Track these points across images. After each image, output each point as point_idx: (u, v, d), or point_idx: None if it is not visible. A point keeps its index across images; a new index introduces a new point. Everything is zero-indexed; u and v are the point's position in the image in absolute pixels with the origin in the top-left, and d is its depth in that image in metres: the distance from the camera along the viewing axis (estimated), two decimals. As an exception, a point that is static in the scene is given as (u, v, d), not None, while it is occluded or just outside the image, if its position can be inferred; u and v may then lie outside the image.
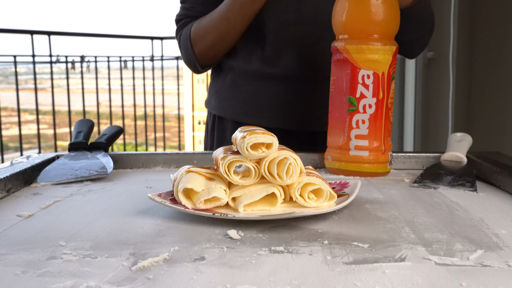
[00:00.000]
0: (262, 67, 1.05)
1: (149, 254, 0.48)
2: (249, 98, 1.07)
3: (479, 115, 2.65)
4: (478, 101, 2.66)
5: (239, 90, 1.08)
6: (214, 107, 1.13)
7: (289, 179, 0.59)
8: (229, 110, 1.09)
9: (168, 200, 0.61)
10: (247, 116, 1.07)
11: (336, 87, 0.87)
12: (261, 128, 0.62)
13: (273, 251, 0.48)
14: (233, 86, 1.09)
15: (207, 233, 0.54)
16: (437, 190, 0.75)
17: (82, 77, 3.70)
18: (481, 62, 2.63)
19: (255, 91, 1.06)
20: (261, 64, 1.05)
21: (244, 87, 1.08)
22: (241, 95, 1.08)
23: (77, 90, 3.88)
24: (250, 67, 1.06)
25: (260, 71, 1.05)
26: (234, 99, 1.08)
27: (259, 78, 1.06)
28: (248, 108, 1.07)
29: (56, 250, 0.49)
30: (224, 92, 1.10)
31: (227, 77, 1.10)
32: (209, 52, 1.06)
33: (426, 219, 0.60)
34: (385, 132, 0.86)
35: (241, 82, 1.08)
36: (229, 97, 1.09)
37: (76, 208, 0.65)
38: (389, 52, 0.83)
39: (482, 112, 2.63)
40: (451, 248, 0.49)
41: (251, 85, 1.07)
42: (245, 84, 1.07)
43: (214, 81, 1.15)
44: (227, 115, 1.10)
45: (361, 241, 0.51)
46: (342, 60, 0.84)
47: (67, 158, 0.89)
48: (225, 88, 1.10)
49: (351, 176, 0.86)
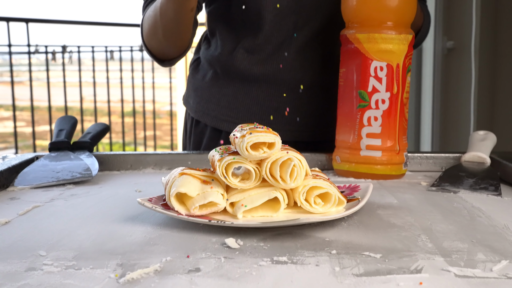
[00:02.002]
0: (249, 66, 0.99)
1: (138, 265, 0.48)
2: (232, 103, 1.01)
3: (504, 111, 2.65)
4: (503, 95, 2.66)
5: (221, 91, 1.02)
6: (193, 108, 1.07)
7: (294, 182, 0.59)
8: (209, 114, 1.03)
9: (159, 205, 0.61)
10: (229, 123, 1.01)
11: (346, 80, 0.87)
12: (262, 126, 0.62)
13: (275, 262, 0.49)
14: (215, 86, 1.03)
15: (202, 242, 0.54)
16: (457, 194, 0.75)
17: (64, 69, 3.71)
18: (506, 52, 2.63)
19: (240, 94, 1.01)
20: (249, 61, 0.99)
21: (226, 88, 1.02)
22: (223, 98, 1.02)
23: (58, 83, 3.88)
24: (235, 64, 1.00)
25: (245, 70, 1.00)
26: (215, 103, 1.03)
27: (245, 79, 1.00)
28: (231, 114, 1.01)
29: (35, 260, 0.49)
30: (203, 92, 1.04)
31: (207, 73, 1.04)
32: (152, 43, 0.97)
33: (445, 226, 0.60)
34: (400, 130, 0.86)
35: (223, 82, 1.02)
36: (210, 99, 1.03)
37: (58, 214, 0.65)
38: (404, 41, 0.83)
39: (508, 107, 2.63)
40: (473, 258, 0.50)
41: (235, 86, 1.01)
42: (228, 84, 1.01)
43: (193, 76, 1.08)
44: (206, 121, 1.04)
45: (372, 250, 0.51)
46: (352, 50, 0.85)
47: (47, 159, 0.90)
48: (205, 87, 1.04)
49: (362, 178, 0.86)
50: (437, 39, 2.68)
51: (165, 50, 0.98)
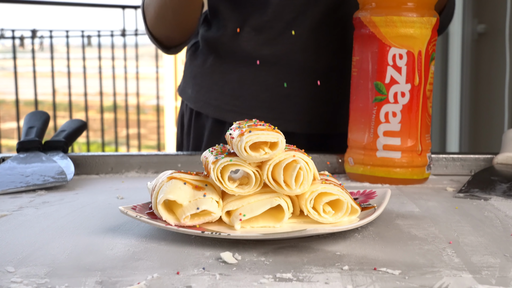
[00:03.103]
0: (256, 47, 1.00)
1: (121, 282, 0.48)
2: (236, 90, 1.03)
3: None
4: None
5: (224, 77, 1.04)
6: (192, 99, 1.08)
7: (300, 188, 0.60)
8: (210, 104, 1.05)
9: (144, 214, 0.62)
10: (235, 114, 1.02)
11: (360, 70, 0.87)
12: (263, 123, 0.62)
13: (278, 279, 0.49)
14: (217, 72, 1.04)
15: (194, 256, 0.54)
16: (488, 202, 0.75)
17: (34, 57, 3.71)
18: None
19: (245, 80, 1.02)
20: (256, 41, 1.00)
21: (230, 74, 1.03)
22: (227, 85, 1.03)
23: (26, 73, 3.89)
24: (241, 45, 1.01)
25: (253, 51, 1.01)
26: (217, 91, 1.04)
27: (252, 62, 1.01)
28: (237, 103, 1.03)
29: (2, 277, 0.49)
30: (204, 80, 1.06)
31: (208, 58, 1.05)
32: (160, 28, 1.00)
33: (474, 238, 0.60)
34: (422, 128, 0.86)
35: (227, 67, 1.04)
36: (211, 87, 1.05)
37: (28, 225, 0.65)
38: (427, 25, 0.83)
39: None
40: (506, 275, 0.50)
41: (240, 71, 1.03)
42: (232, 69, 1.03)
43: (191, 62, 1.10)
44: (208, 112, 1.05)
45: (390, 266, 0.52)
46: (367, 35, 0.85)
47: (15, 161, 0.90)
48: (206, 73, 1.05)
49: (378, 183, 0.86)
50: (466, 22, 2.67)
51: (174, 34, 1.01)
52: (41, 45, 3.77)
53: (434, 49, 0.86)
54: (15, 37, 3.65)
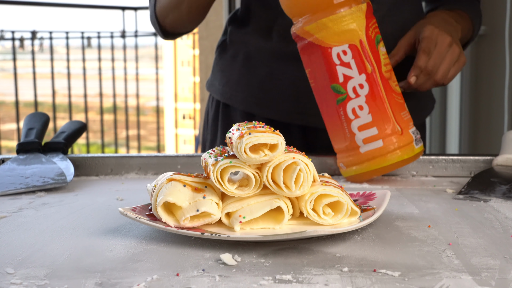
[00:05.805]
0: (285, 44, 1.03)
1: (120, 284, 0.48)
2: (265, 83, 1.06)
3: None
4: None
5: (253, 72, 1.07)
6: (219, 91, 1.11)
7: (299, 190, 0.60)
8: (238, 96, 1.08)
9: (144, 216, 0.62)
10: (261, 107, 1.06)
11: (315, 79, 0.87)
12: (263, 125, 0.62)
13: (278, 281, 0.49)
14: (246, 66, 1.07)
15: (194, 258, 0.54)
16: (488, 204, 0.75)
17: (34, 58, 3.71)
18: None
19: (273, 75, 1.05)
20: (285, 39, 1.02)
21: (259, 69, 1.06)
22: (254, 79, 1.06)
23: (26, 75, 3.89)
24: (270, 43, 1.05)
25: (282, 48, 1.04)
26: (245, 84, 1.07)
27: (279, 57, 1.04)
28: (263, 96, 1.06)
29: (2, 279, 0.49)
30: (232, 73, 1.09)
31: (238, 53, 1.09)
32: (170, 17, 1.04)
33: (474, 240, 0.60)
34: (394, 108, 0.85)
35: (255, 62, 1.07)
36: (239, 80, 1.08)
37: (27, 226, 0.65)
38: (358, 13, 0.83)
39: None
40: (506, 277, 0.50)
41: (269, 66, 1.06)
42: (261, 64, 1.06)
43: (221, 57, 1.13)
44: (235, 103, 1.08)
45: (390, 268, 0.52)
46: (308, 45, 0.85)
47: (15, 163, 0.90)
48: (235, 67, 1.09)
49: (375, 176, 0.87)
50: (465, 23, 2.67)
51: (184, 23, 1.05)
52: (41, 46, 3.77)
53: (378, 31, 0.86)
54: (15, 38, 3.65)
